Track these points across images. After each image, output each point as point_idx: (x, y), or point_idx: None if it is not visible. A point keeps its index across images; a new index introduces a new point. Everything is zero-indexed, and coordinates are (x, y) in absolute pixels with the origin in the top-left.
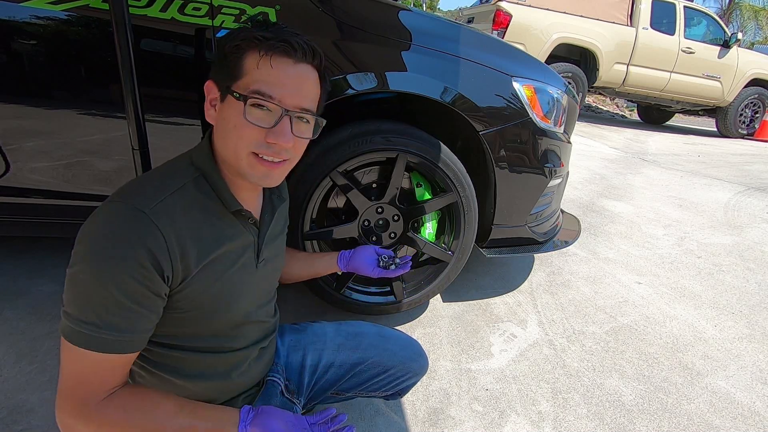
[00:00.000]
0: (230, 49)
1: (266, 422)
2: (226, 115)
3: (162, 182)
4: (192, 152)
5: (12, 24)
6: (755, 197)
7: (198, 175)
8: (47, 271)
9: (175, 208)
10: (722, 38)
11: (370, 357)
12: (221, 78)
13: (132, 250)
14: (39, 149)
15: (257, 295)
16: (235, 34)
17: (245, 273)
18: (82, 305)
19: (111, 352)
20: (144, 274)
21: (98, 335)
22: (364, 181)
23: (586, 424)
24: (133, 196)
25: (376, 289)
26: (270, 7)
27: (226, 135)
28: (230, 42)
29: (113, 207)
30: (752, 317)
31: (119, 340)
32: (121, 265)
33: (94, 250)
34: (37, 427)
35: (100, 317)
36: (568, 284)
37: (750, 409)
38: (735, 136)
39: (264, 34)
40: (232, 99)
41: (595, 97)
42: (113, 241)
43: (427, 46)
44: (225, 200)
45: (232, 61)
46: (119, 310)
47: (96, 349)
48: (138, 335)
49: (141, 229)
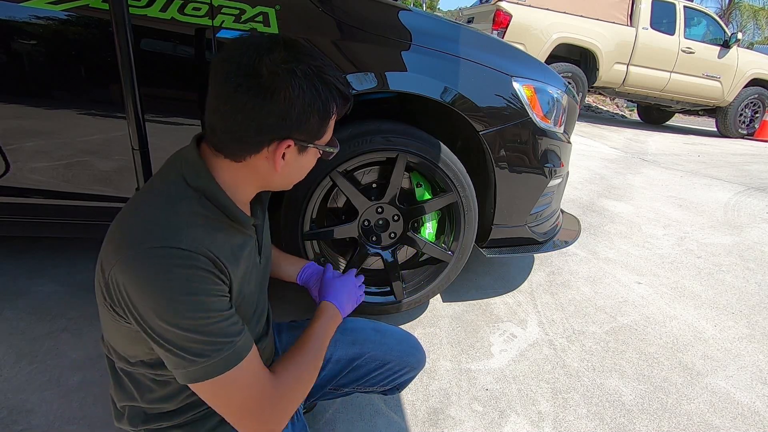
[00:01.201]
0: (318, 111)
1: (340, 296)
2: (305, 163)
3: (170, 214)
4: (182, 172)
5: (12, 24)
6: (755, 197)
7: (199, 196)
8: (47, 271)
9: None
10: (722, 38)
11: (367, 351)
12: (300, 135)
13: (198, 278)
14: (39, 149)
15: (261, 289)
16: (321, 99)
17: (254, 272)
18: (208, 342)
19: (252, 347)
20: (218, 289)
21: (235, 347)
22: (364, 181)
23: (586, 424)
24: (153, 240)
25: (376, 289)
26: (270, 7)
27: (294, 175)
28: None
29: (147, 259)
30: (752, 317)
31: (246, 337)
32: (203, 295)
33: (171, 301)
34: (37, 427)
35: (225, 334)
36: (568, 284)
37: (750, 409)
38: (735, 136)
39: (349, 102)
40: (314, 150)
41: (595, 97)
42: (180, 283)
43: (427, 46)
44: (237, 219)
45: (320, 124)
46: (228, 320)
47: (241, 359)
48: (244, 323)
49: (189, 262)
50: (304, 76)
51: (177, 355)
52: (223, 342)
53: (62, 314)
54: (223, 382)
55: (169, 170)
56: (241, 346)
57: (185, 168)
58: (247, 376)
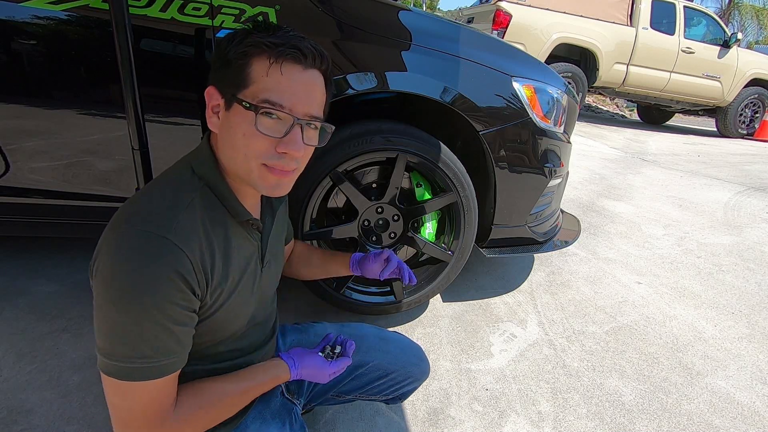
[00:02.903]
0: (236, 54)
1: (306, 362)
2: (234, 124)
3: (171, 199)
4: (191, 161)
5: (12, 24)
6: (755, 197)
7: (203, 185)
8: (47, 271)
9: (191, 226)
10: (722, 38)
11: (371, 360)
12: (225, 85)
13: (167, 280)
14: (39, 149)
15: (261, 298)
16: (239, 39)
17: (253, 279)
18: (131, 343)
19: (171, 373)
20: (182, 297)
21: (156, 364)
22: (364, 181)
23: (586, 424)
24: (146, 220)
25: (376, 289)
26: (270, 7)
27: (234, 145)
28: (235, 47)
29: (132, 237)
30: (752, 317)
31: (174, 361)
32: (161, 298)
33: (129, 288)
34: (37, 427)
35: (154, 348)
36: (568, 284)
37: (750, 409)
38: (735, 136)
39: (272, 40)
40: (240, 108)
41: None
42: (146, 275)
43: (427, 46)
44: (235, 211)
45: (238, 68)
46: (169, 336)
47: (157, 377)
48: (187, 349)
49: (169, 257)
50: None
51: (100, 336)
52: (147, 354)
53: (62, 314)
54: (124, 387)
55: (183, 160)
56: (162, 367)
57: (195, 156)
58: (150, 396)
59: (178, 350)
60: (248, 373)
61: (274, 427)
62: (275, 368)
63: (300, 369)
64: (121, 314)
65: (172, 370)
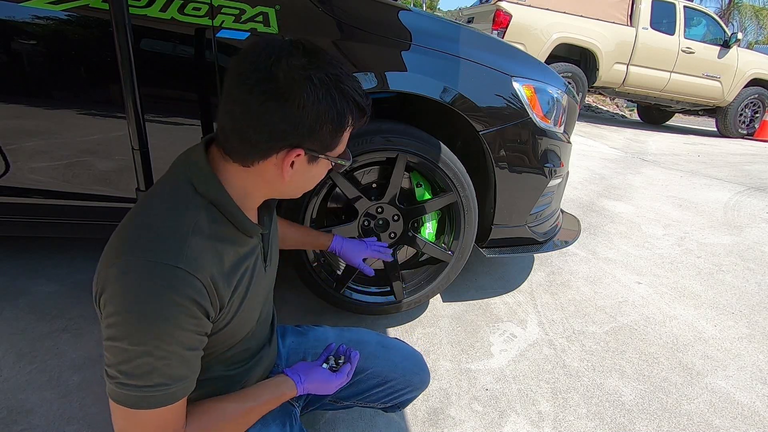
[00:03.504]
0: (333, 121)
1: (311, 377)
2: (315, 174)
3: (175, 223)
4: (191, 178)
5: (12, 24)
6: (755, 197)
7: (206, 203)
8: (47, 271)
9: (200, 249)
10: (722, 38)
11: (370, 367)
12: (312, 144)
13: (181, 309)
14: (39, 149)
15: (266, 296)
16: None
17: (259, 280)
18: (143, 374)
19: (182, 398)
20: (195, 323)
21: (167, 391)
22: (364, 181)
23: (586, 424)
24: (153, 249)
25: (376, 289)
26: (270, 7)
27: (303, 185)
28: (329, 112)
29: (140, 268)
30: (752, 317)
31: (186, 386)
32: (174, 327)
33: (142, 321)
34: (37, 427)
35: (167, 376)
36: (568, 284)
37: (750, 409)
38: (735, 136)
39: (367, 114)
40: (327, 162)
41: (595, 97)
42: (159, 307)
43: (427, 46)
44: (243, 227)
45: (333, 135)
46: (182, 363)
47: (169, 403)
48: (196, 373)
49: (181, 285)
50: (321, 83)
51: (111, 366)
52: (159, 382)
53: (62, 314)
54: (134, 415)
55: (177, 174)
56: (173, 393)
57: (194, 173)
58: (160, 422)
59: (189, 375)
60: (253, 391)
61: (274, 428)
62: (281, 385)
63: (306, 384)
64: (133, 346)
65: (182, 396)
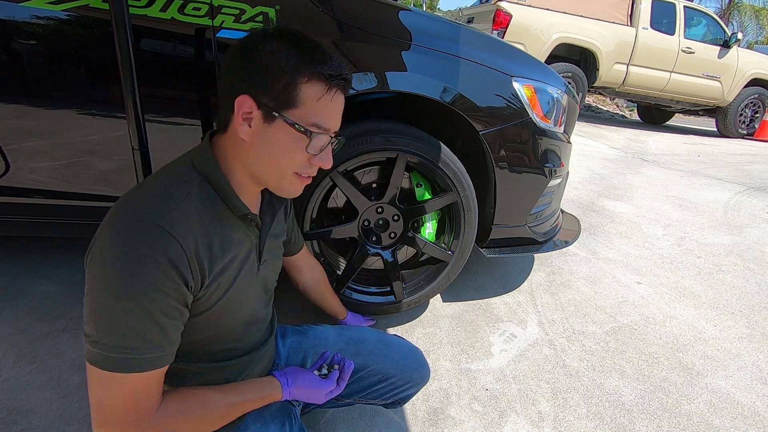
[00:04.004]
0: (289, 77)
1: (299, 381)
2: (275, 139)
3: (168, 190)
4: (192, 157)
5: (12, 24)
6: (755, 197)
7: (201, 180)
8: (47, 271)
9: (187, 218)
10: (722, 38)
11: (370, 364)
12: (264, 97)
13: (158, 267)
14: (39, 149)
15: (260, 294)
16: (286, 56)
17: (251, 275)
18: (119, 333)
19: (156, 368)
20: (173, 287)
21: (141, 356)
22: (364, 181)
23: (586, 424)
24: (143, 208)
25: (376, 289)
26: (270, 7)
27: (271, 156)
28: (289, 68)
29: (126, 224)
30: (752, 317)
31: (161, 356)
32: (151, 285)
33: (120, 275)
34: (37, 427)
35: (141, 339)
36: (568, 284)
37: (750, 409)
38: (735, 136)
39: (330, 71)
40: (285, 125)
41: (595, 97)
42: (138, 262)
43: (427, 46)
44: (233, 205)
45: (288, 89)
46: (156, 327)
47: (141, 370)
48: (174, 347)
49: (161, 244)
50: (286, 39)
51: (88, 323)
52: (132, 345)
53: (62, 314)
54: (107, 378)
55: (182, 157)
56: (145, 360)
57: (195, 153)
58: (131, 390)
59: (164, 345)
60: (238, 387)
61: (273, 427)
62: (267, 386)
63: (293, 388)
64: (109, 299)
65: (155, 365)
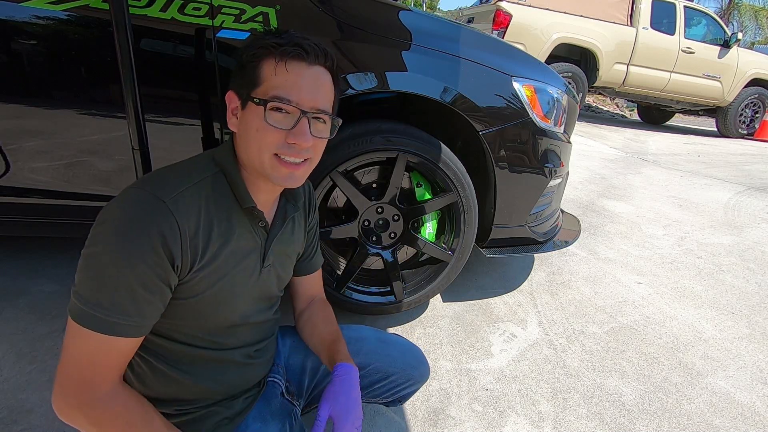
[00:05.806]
0: (247, 58)
1: None
2: (248, 121)
3: (183, 175)
4: (214, 151)
5: (12, 24)
6: (755, 197)
7: (218, 171)
8: (47, 270)
9: (193, 201)
10: (722, 38)
11: (370, 363)
12: (241, 87)
13: (148, 235)
14: (39, 149)
15: (257, 299)
16: (250, 44)
17: (248, 275)
18: (95, 287)
19: (119, 335)
20: (156, 261)
21: (108, 318)
22: (364, 181)
23: (586, 424)
24: (155, 185)
25: (377, 289)
26: (270, 7)
27: (248, 139)
28: (246, 51)
29: (136, 193)
30: (752, 317)
31: (127, 325)
32: (136, 253)
33: (115, 232)
34: (37, 427)
35: (112, 300)
36: (568, 284)
37: (750, 409)
38: (735, 136)
39: (277, 40)
40: (253, 105)
41: (595, 97)
42: (132, 225)
43: (427, 46)
44: (240, 196)
45: (250, 70)
46: (130, 295)
47: (104, 332)
48: (144, 321)
49: (158, 217)
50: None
51: (77, 273)
52: (103, 305)
53: (62, 314)
54: (74, 329)
55: (208, 150)
56: (111, 325)
57: (218, 148)
58: (92, 351)
59: (134, 315)
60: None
61: (273, 427)
62: None
63: None
64: (95, 255)
65: (118, 332)
